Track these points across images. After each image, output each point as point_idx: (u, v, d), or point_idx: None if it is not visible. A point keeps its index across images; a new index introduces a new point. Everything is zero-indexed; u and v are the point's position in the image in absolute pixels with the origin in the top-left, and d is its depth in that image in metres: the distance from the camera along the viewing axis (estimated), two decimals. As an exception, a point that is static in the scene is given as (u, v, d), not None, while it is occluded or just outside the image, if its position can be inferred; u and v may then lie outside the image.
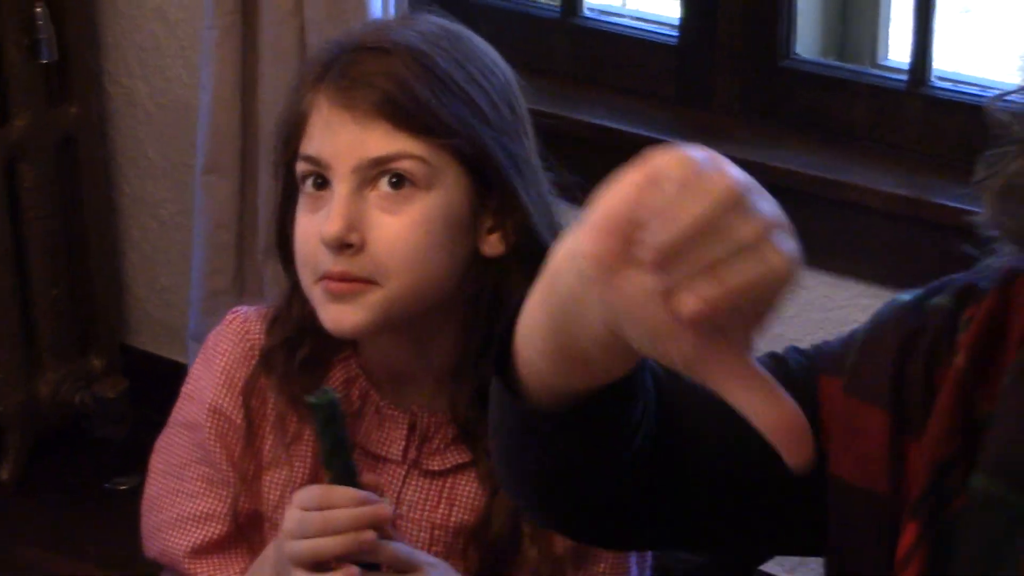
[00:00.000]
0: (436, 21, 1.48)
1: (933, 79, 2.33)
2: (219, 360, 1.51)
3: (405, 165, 1.40)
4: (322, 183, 1.42)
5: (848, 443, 1.06)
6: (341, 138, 1.40)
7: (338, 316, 1.40)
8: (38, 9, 2.74)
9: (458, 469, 1.48)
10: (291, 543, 1.38)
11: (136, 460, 1.86)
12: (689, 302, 0.80)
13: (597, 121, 2.53)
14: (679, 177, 0.80)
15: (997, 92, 1.05)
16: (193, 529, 1.51)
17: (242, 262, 2.63)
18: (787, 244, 0.81)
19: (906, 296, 1.11)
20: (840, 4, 2.50)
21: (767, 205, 0.81)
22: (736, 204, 0.80)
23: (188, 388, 1.54)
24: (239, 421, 1.49)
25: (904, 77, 2.35)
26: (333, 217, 1.39)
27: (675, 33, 2.50)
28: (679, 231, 0.79)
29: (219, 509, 1.50)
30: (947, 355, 1.04)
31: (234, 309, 1.55)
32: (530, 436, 1.01)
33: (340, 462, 1.38)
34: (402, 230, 1.40)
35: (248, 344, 1.51)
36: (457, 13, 1.53)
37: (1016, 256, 1.02)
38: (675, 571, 1.56)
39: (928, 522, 0.99)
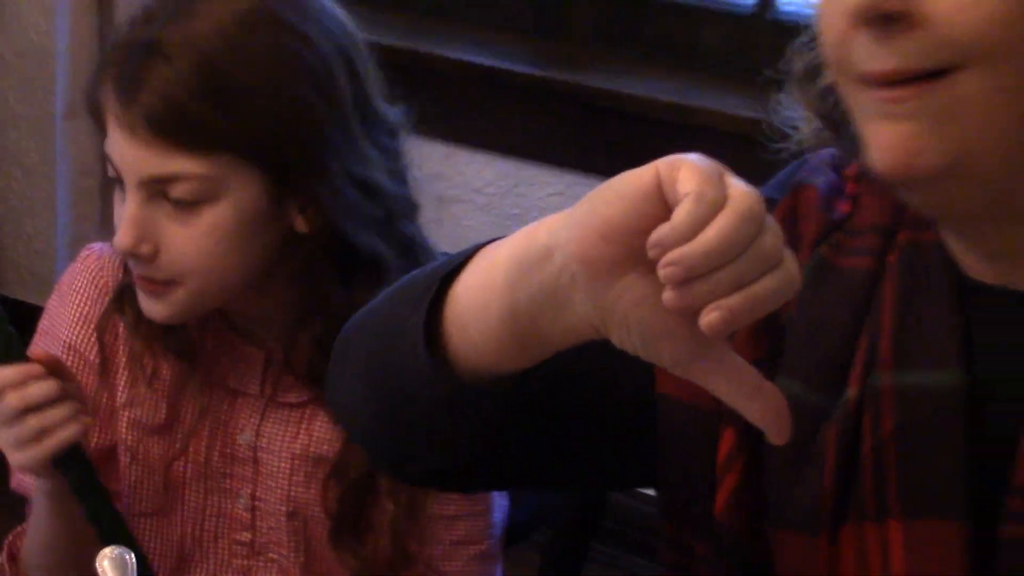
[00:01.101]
0: None
1: (779, 5, 2.40)
2: (74, 297, 1.53)
3: (182, 188, 1.36)
4: (123, 182, 1.40)
5: None
6: (124, 152, 1.38)
7: (149, 308, 1.42)
8: None
9: (315, 400, 1.49)
10: None
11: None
12: (717, 316, 0.82)
13: (455, 55, 2.54)
14: (696, 191, 0.81)
15: None
16: None
17: (107, 207, 2.60)
18: (790, 251, 0.84)
19: None
20: (690, -68, 2.54)
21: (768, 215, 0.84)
22: (755, 217, 0.82)
23: (44, 324, 1.55)
24: (93, 358, 1.50)
25: (752, 1, 2.41)
26: (123, 229, 1.38)
27: (529, -35, 2.53)
28: (707, 248, 0.81)
29: (73, 444, 1.50)
30: None
31: (89, 246, 1.55)
32: (451, 408, 0.99)
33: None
34: (192, 240, 1.38)
35: (102, 281, 1.52)
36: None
37: (823, 138, 1.05)
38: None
39: (744, 428, 1.01)
